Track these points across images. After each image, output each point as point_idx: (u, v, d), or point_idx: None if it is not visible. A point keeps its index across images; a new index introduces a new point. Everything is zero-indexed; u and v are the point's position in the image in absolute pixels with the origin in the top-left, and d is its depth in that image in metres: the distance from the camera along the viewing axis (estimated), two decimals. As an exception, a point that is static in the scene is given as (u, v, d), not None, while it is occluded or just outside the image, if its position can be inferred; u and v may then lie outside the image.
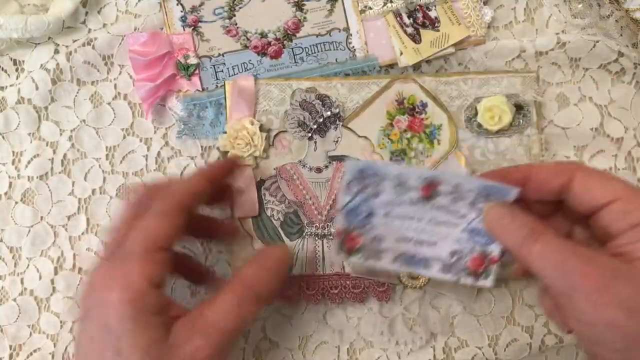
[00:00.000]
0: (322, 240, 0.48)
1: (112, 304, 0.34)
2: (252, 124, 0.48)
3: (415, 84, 0.48)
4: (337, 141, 0.49)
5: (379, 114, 0.48)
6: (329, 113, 0.48)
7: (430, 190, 0.40)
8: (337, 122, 0.48)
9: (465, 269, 0.41)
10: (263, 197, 0.48)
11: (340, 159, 0.48)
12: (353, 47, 0.50)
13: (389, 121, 0.48)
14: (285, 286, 0.45)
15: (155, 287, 0.36)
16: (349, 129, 0.49)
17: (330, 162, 0.49)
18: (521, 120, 0.48)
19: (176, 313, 0.36)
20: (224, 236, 0.48)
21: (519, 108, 0.48)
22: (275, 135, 0.49)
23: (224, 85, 0.49)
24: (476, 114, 0.48)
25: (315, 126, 0.48)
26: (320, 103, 0.48)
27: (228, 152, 0.48)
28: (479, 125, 0.48)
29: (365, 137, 0.48)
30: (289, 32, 0.50)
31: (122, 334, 0.34)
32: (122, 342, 0.34)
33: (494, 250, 0.41)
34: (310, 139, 0.48)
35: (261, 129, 0.48)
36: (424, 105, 0.48)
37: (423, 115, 0.48)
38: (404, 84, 0.48)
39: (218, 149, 0.48)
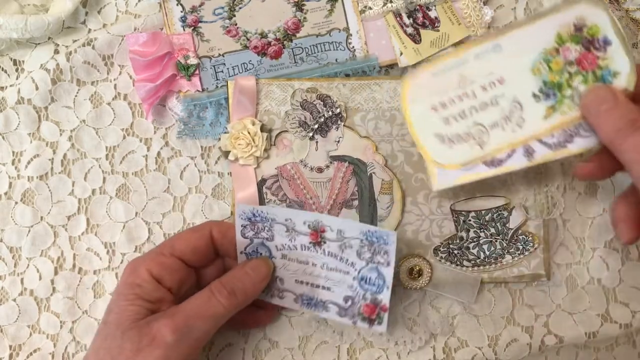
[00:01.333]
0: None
1: (118, 286, 0.42)
2: (254, 124, 0.48)
3: (606, 14, 0.38)
4: (338, 141, 0.49)
5: (547, 33, 0.39)
6: (330, 113, 0.48)
7: (317, 235, 0.44)
8: (339, 122, 0.48)
9: (360, 314, 0.44)
10: (264, 196, 0.48)
11: (341, 159, 0.49)
12: (353, 47, 0.50)
13: (556, 46, 0.39)
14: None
15: (156, 280, 0.42)
16: (351, 128, 0.49)
17: (331, 162, 0.49)
18: None
19: (169, 307, 0.41)
20: (262, 324, 0.49)
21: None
22: (277, 135, 0.49)
23: (226, 84, 0.49)
24: None
25: (316, 126, 0.48)
26: (322, 103, 0.48)
27: (229, 151, 0.48)
28: None
29: (367, 137, 0.48)
30: (289, 32, 0.50)
31: (112, 308, 0.41)
32: (110, 316, 0.41)
33: (384, 298, 0.44)
34: (311, 138, 0.48)
35: (263, 128, 0.48)
36: (607, 43, 0.38)
37: (601, 54, 0.38)
38: (592, 7, 0.38)
39: (220, 148, 0.48)
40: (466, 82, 0.40)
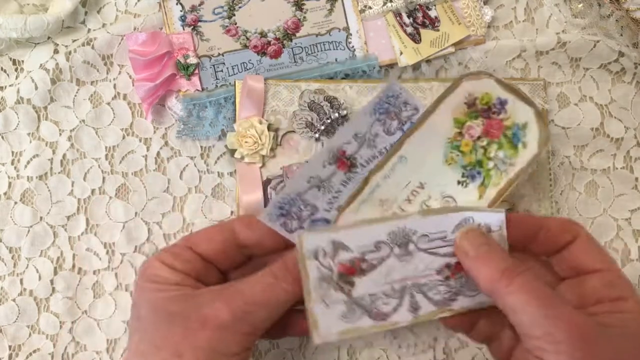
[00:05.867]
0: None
1: (136, 286, 0.39)
2: (261, 122, 0.47)
3: (489, 79, 0.38)
4: None
5: (444, 123, 0.39)
6: (336, 115, 0.48)
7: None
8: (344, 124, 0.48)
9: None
10: (269, 196, 0.48)
11: None
12: (353, 46, 0.50)
13: (458, 130, 0.39)
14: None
15: (170, 268, 0.38)
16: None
17: (336, 163, 0.48)
18: None
19: (195, 288, 0.38)
20: (295, 334, 0.43)
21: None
22: (283, 135, 0.48)
23: (234, 84, 0.48)
24: None
25: (322, 127, 0.48)
26: (329, 105, 0.48)
27: (236, 150, 0.47)
28: None
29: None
30: (288, 31, 0.50)
31: (140, 305, 0.38)
32: (142, 311, 0.37)
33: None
34: (317, 139, 0.48)
35: (270, 128, 0.48)
36: (503, 103, 0.38)
37: (502, 115, 0.39)
38: (474, 81, 0.38)
39: (226, 146, 0.48)
40: (389, 204, 0.38)
